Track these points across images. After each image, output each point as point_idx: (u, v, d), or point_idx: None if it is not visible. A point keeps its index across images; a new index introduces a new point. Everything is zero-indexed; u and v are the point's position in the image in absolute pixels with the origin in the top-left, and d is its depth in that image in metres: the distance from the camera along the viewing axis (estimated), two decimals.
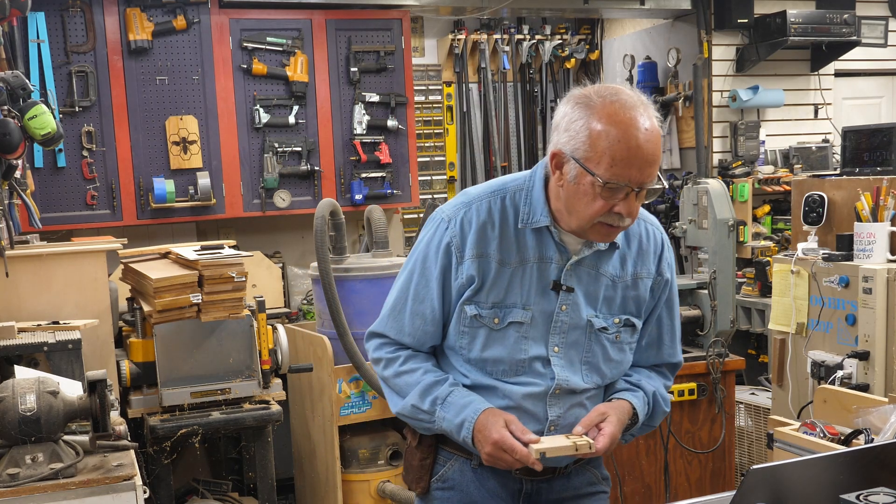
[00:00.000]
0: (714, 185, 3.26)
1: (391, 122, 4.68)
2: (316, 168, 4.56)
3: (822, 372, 3.32)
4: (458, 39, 5.75)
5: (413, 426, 1.84)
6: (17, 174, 2.78)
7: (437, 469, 1.83)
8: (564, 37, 6.02)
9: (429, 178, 5.76)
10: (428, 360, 1.81)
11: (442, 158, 5.81)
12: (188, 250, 3.32)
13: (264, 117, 4.46)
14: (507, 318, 1.72)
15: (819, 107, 5.28)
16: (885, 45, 5.32)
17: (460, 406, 1.71)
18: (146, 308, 3.21)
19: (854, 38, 4.95)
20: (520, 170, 6.05)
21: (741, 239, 4.61)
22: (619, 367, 1.81)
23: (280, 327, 3.51)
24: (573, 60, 6.07)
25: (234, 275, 3.16)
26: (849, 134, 3.88)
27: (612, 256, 1.77)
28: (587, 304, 1.75)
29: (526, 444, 1.65)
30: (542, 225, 1.72)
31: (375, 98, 4.66)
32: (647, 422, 1.84)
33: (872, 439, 2.03)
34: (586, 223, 1.66)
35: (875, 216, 3.30)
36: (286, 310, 4.34)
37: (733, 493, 1.36)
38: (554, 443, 1.66)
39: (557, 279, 1.72)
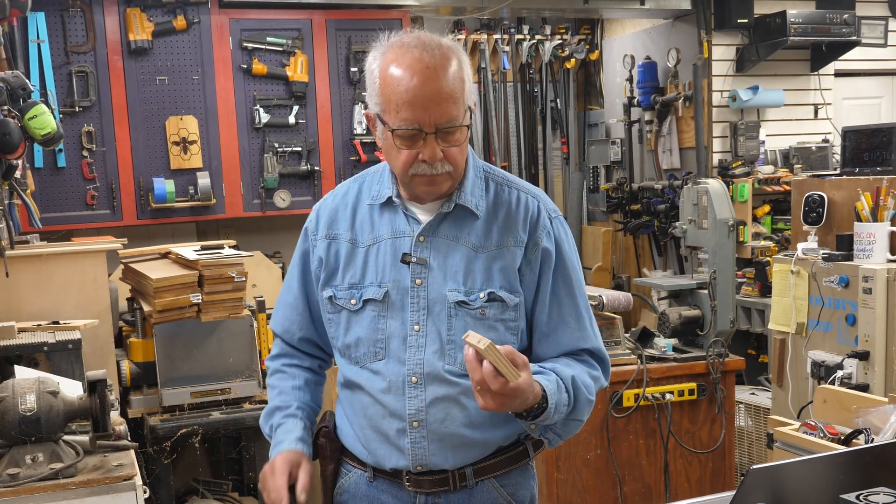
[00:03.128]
0: (714, 185, 3.26)
1: None
2: (316, 168, 4.56)
3: (822, 372, 3.32)
4: (458, 39, 5.75)
5: None
6: (18, 174, 2.78)
7: (338, 480, 1.77)
8: (564, 37, 6.02)
9: None
10: (294, 375, 1.81)
11: None
12: (188, 250, 3.32)
13: (264, 117, 4.46)
14: (362, 297, 1.65)
15: (819, 107, 5.29)
16: (885, 45, 5.32)
17: (276, 441, 1.72)
18: (146, 308, 3.21)
19: (854, 38, 4.95)
20: (520, 170, 6.07)
21: (741, 239, 4.61)
22: None
23: None
24: (573, 60, 6.07)
25: (234, 275, 3.17)
26: (849, 134, 3.88)
27: (474, 225, 1.66)
28: (447, 278, 1.63)
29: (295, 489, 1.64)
30: (386, 197, 1.67)
31: None
32: (569, 412, 1.63)
33: (872, 439, 2.03)
34: (405, 178, 1.61)
35: (875, 216, 3.30)
36: None
37: (733, 493, 1.36)
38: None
39: (409, 252, 1.64)
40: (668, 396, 3.14)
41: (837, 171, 4.51)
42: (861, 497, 1.31)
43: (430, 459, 1.64)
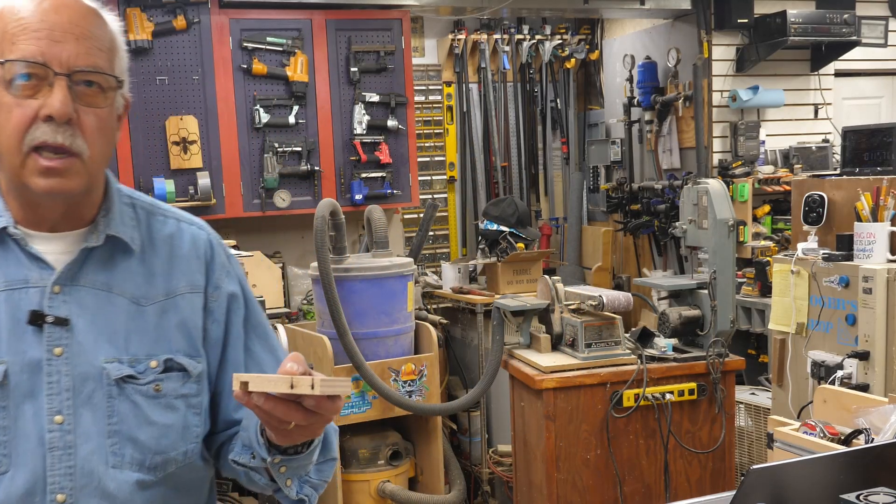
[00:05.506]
0: (714, 185, 3.26)
1: (391, 122, 4.68)
2: (316, 168, 4.56)
3: (822, 372, 3.32)
4: (458, 39, 5.75)
5: None
6: None
7: None
8: (564, 37, 6.02)
9: (429, 178, 5.76)
10: None
11: (442, 158, 5.81)
12: None
13: (264, 117, 4.46)
14: None
15: (819, 107, 5.28)
16: (885, 45, 5.32)
17: None
18: None
19: (854, 38, 4.95)
20: (520, 170, 6.07)
21: (741, 239, 4.61)
22: (168, 433, 1.20)
23: (280, 327, 3.51)
24: (573, 60, 6.07)
25: None
26: (849, 134, 3.88)
27: (130, 267, 1.22)
28: (101, 343, 1.17)
29: None
30: None
31: (375, 98, 4.66)
32: (324, 452, 1.29)
33: (872, 439, 2.03)
34: (16, 157, 1.10)
35: (875, 216, 3.30)
36: (286, 310, 4.34)
37: (733, 493, 1.36)
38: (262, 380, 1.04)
39: (39, 309, 1.14)
40: (668, 396, 3.14)
41: (837, 171, 4.50)
42: (861, 497, 1.31)
43: None
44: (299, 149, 4.53)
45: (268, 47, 4.47)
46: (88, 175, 1.15)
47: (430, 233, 5.37)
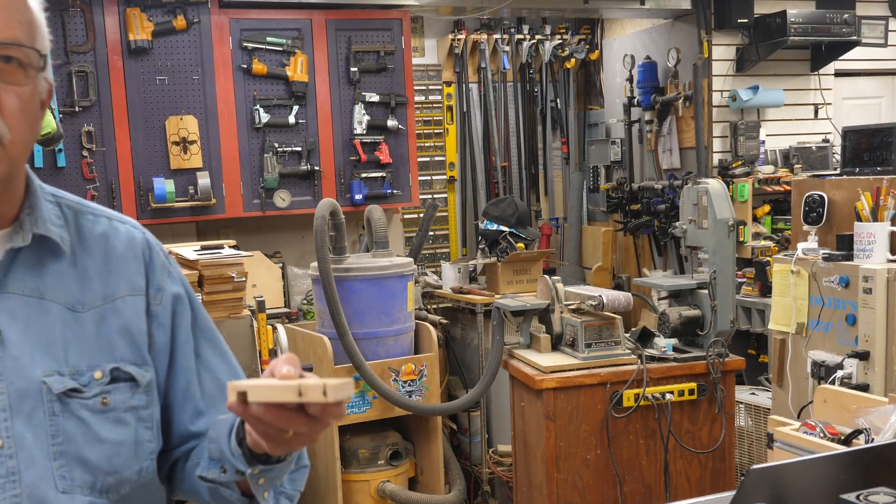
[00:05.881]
0: (714, 185, 3.25)
1: (391, 122, 4.68)
2: (316, 168, 4.56)
3: (822, 372, 3.32)
4: (458, 39, 5.75)
5: None
6: None
7: None
8: (564, 37, 6.02)
9: (429, 178, 5.76)
10: None
11: (442, 158, 5.81)
12: (188, 250, 3.32)
13: (264, 117, 4.46)
14: None
15: (819, 107, 5.28)
16: (885, 45, 5.32)
17: None
18: None
19: (854, 38, 4.94)
20: (520, 170, 6.07)
21: (741, 239, 4.61)
22: (120, 451, 1.09)
23: (280, 327, 3.51)
24: (573, 60, 6.07)
25: (234, 275, 3.17)
26: (849, 134, 3.88)
27: (61, 270, 1.10)
28: (37, 355, 1.05)
29: None
30: None
31: (375, 98, 4.67)
32: (297, 460, 1.17)
33: (872, 439, 2.03)
34: None
35: (875, 216, 3.30)
36: (286, 310, 4.34)
37: (733, 493, 1.36)
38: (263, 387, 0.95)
39: None
40: (668, 396, 3.14)
41: (837, 171, 4.50)
42: (861, 497, 1.31)
43: None
44: (299, 149, 4.54)
45: (268, 47, 4.47)
46: (10, 161, 1.02)
47: (430, 233, 5.37)
